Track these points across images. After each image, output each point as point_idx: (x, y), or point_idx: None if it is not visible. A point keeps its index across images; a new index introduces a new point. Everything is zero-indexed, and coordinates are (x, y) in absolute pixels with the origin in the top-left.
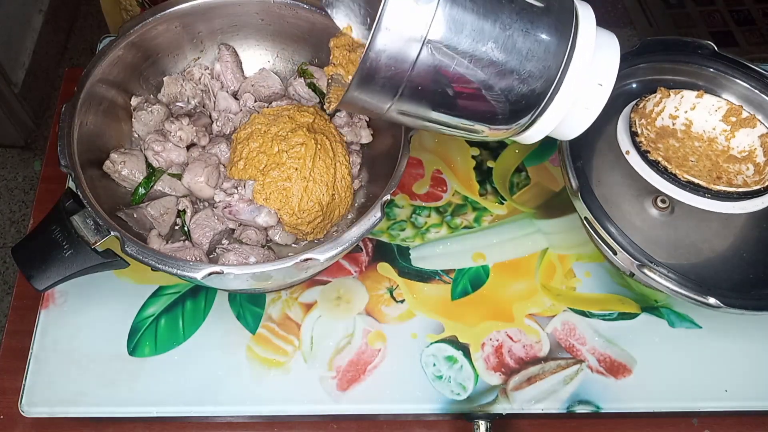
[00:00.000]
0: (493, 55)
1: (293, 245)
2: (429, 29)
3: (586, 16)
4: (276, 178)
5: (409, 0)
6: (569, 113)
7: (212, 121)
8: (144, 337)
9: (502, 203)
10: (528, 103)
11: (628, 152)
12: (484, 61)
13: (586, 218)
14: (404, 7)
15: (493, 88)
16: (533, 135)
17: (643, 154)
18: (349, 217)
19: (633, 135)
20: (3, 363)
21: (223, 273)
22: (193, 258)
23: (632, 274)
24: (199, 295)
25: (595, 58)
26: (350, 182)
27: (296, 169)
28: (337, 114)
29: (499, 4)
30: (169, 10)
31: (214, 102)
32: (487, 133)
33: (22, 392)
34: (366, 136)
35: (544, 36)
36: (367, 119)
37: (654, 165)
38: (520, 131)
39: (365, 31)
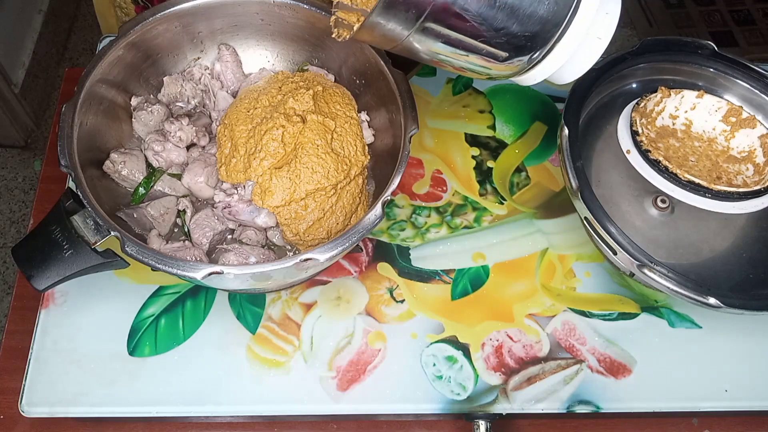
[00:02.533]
0: None
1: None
2: None
3: None
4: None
5: None
6: (582, 45)
7: (212, 121)
8: (144, 337)
9: (502, 203)
10: (547, 29)
11: (628, 151)
12: None
13: (586, 218)
14: None
15: (516, 11)
16: (538, 73)
17: (644, 154)
18: None
19: (634, 134)
20: (3, 363)
21: (223, 273)
22: (193, 258)
23: (632, 274)
24: (199, 295)
25: None
26: (367, 199)
27: (317, 204)
28: None
29: None
30: (169, 10)
31: (214, 102)
32: (499, 67)
33: (22, 392)
34: (367, 137)
35: None
36: (369, 119)
37: (655, 164)
38: (528, 68)
39: None
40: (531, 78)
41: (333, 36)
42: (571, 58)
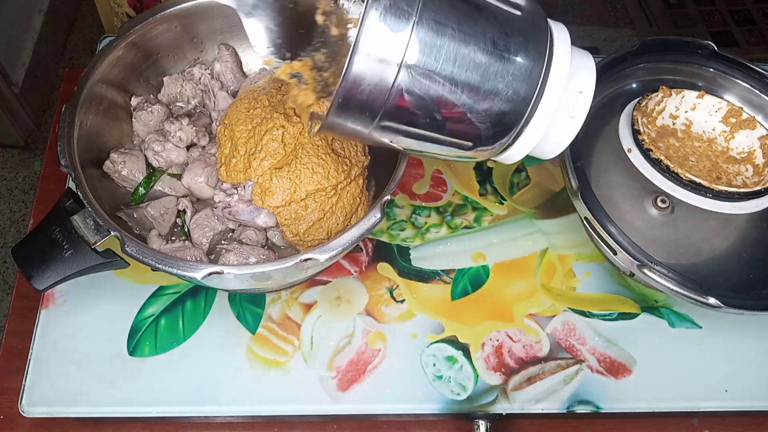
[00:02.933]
0: (470, 77)
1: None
2: (405, 53)
3: (560, 36)
4: (296, 200)
5: (385, 25)
6: (553, 126)
7: (212, 121)
8: (144, 337)
9: (502, 203)
10: (507, 122)
11: (630, 150)
12: (461, 83)
13: (586, 218)
14: (380, 32)
15: (472, 109)
16: (514, 154)
17: (646, 152)
18: None
19: (635, 133)
20: (3, 363)
21: (223, 273)
22: (193, 258)
23: (632, 274)
24: (199, 295)
25: (574, 71)
26: (368, 199)
27: (317, 204)
28: None
29: (473, 29)
30: (168, 10)
31: (214, 102)
32: (469, 154)
33: (22, 392)
34: None
35: (519, 59)
36: None
37: (656, 163)
38: (501, 151)
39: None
40: (508, 158)
41: (309, 133)
42: (545, 137)
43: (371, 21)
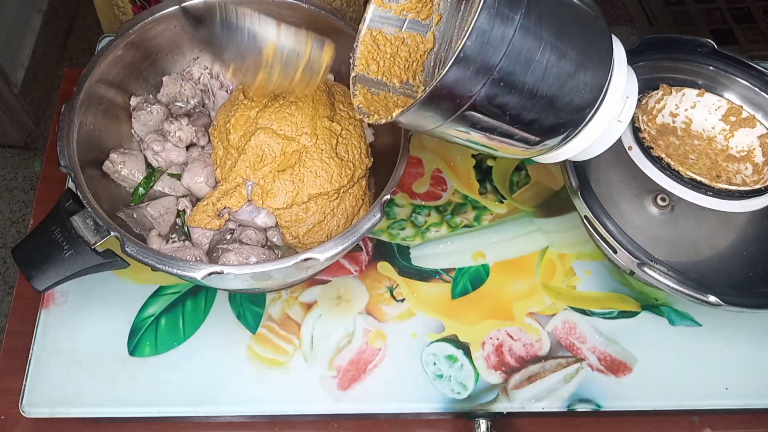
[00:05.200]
0: (552, 80)
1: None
2: (503, 58)
3: (618, 45)
4: (297, 203)
5: (491, 27)
6: (605, 128)
7: (211, 121)
8: (144, 337)
9: (502, 202)
10: (576, 120)
11: (630, 148)
12: (543, 87)
13: (586, 217)
14: (484, 37)
15: (551, 103)
16: (562, 153)
17: (646, 150)
18: None
19: (636, 131)
20: (3, 363)
21: (223, 273)
22: (193, 258)
23: (632, 273)
24: (200, 294)
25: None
26: (370, 200)
27: (318, 207)
28: None
29: (568, 24)
30: (168, 10)
31: (214, 101)
32: (525, 152)
33: (23, 392)
34: (368, 136)
35: (598, 59)
36: None
37: (657, 161)
38: (550, 149)
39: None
40: (554, 158)
41: (367, 121)
42: (594, 140)
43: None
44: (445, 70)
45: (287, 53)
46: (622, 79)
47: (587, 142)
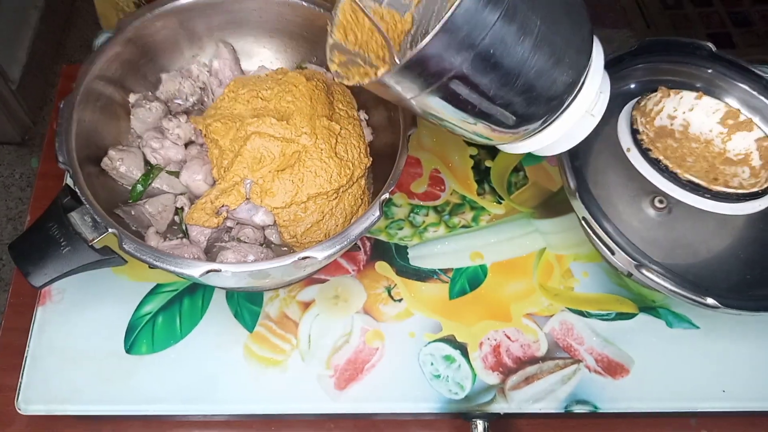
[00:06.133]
0: (537, 61)
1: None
2: (488, 33)
3: (596, 39)
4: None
5: (476, 4)
6: (578, 121)
7: None
8: (141, 335)
9: (500, 203)
10: (552, 107)
11: (629, 150)
12: (526, 67)
13: (583, 218)
14: (470, 11)
15: (533, 83)
16: (533, 144)
17: (645, 152)
18: None
19: (634, 133)
20: None
21: (221, 271)
22: (191, 255)
23: (630, 274)
24: (197, 293)
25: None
26: (369, 199)
27: (317, 206)
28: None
29: (549, 18)
30: (166, 7)
31: (213, 99)
32: (494, 136)
33: (19, 390)
34: (367, 136)
35: (582, 43)
36: (367, 118)
37: (655, 163)
38: (523, 138)
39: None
40: (519, 148)
41: (346, 83)
42: (565, 133)
43: None
44: (431, 35)
45: None
46: (600, 71)
47: (559, 133)
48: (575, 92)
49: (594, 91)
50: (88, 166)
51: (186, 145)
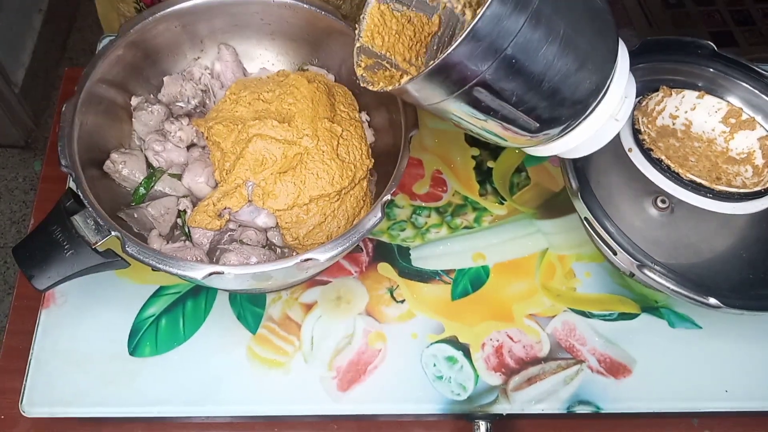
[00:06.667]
0: (562, 65)
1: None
2: (514, 38)
3: (622, 44)
4: (298, 204)
5: (505, 8)
6: (602, 126)
7: None
8: (144, 338)
9: (502, 203)
10: (576, 111)
11: (630, 150)
12: (552, 71)
13: (586, 218)
14: (498, 16)
15: (553, 95)
16: (556, 147)
17: (646, 152)
18: None
19: (636, 133)
20: (4, 363)
21: (223, 273)
22: (194, 258)
23: (632, 275)
24: (200, 295)
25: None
26: (371, 201)
27: (319, 208)
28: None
29: (575, 24)
30: (168, 10)
31: (214, 102)
32: (525, 140)
33: (23, 392)
34: (368, 137)
35: (606, 49)
36: (369, 119)
37: (657, 163)
38: (546, 141)
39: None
40: (546, 151)
41: (372, 89)
42: (589, 136)
43: None
44: (458, 42)
45: None
46: (624, 76)
47: (583, 137)
48: (600, 97)
49: (619, 95)
50: (90, 169)
51: (188, 148)
